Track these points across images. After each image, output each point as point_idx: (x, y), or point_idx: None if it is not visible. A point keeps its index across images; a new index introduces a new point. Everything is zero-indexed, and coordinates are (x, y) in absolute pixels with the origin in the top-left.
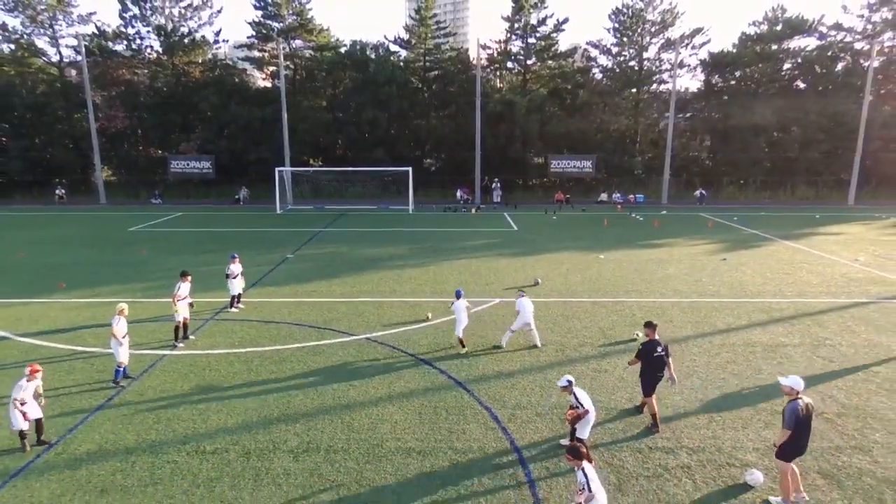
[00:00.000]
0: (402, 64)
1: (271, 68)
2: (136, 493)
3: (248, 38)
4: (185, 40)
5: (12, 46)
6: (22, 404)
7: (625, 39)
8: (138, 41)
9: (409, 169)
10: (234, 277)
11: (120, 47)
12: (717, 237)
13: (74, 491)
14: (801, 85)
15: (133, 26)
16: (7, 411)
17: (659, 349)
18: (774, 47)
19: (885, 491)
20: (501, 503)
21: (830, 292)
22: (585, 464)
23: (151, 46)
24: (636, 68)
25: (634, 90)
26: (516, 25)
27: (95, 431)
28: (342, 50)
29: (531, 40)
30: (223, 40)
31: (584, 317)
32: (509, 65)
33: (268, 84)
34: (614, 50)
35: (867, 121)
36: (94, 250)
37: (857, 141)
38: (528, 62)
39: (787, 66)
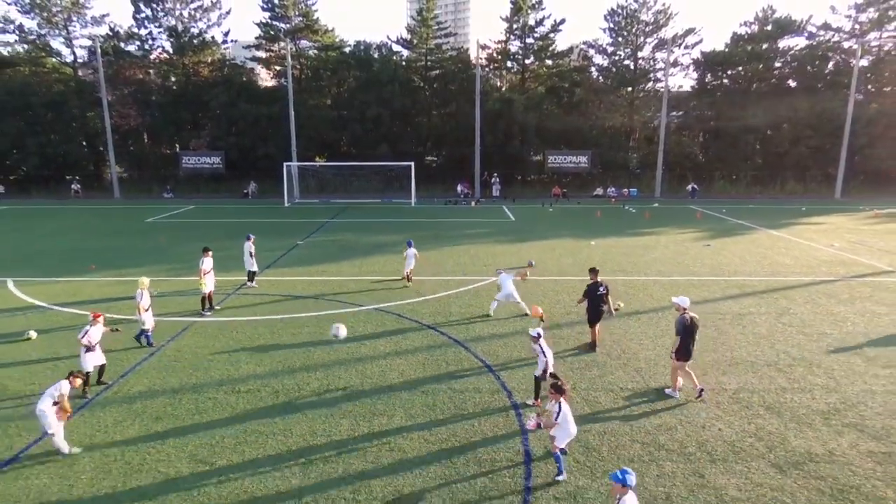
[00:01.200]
0: (404, 63)
1: (278, 67)
2: (186, 420)
3: (255, 38)
4: (195, 41)
5: (28, 46)
6: (88, 350)
7: (620, 39)
8: (150, 42)
9: (412, 164)
10: (252, 256)
11: (132, 48)
12: (704, 227)
13: (133, 418)
14: (791, 83)
15: (145, 27)
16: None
17: (601, 289)
18: (765, 46)
19: (815, 418)
20: (492, 425)
21: (802, 272)
22: (562, 399)
23: (163, 47)
24: (631, 67)
25: (629, 88)
26: (515, 26)
27: (144, 377)
28: (346, 50)
29: (529, 40)
30: (231, 41)
31: (572, 292)
32: (508, 64)
33: (274, 83)
34: (610, 49)
35: (855, 118)
36: (116, 238)
37: (843, 137)
38: (527, 61)
39: (777, 64)
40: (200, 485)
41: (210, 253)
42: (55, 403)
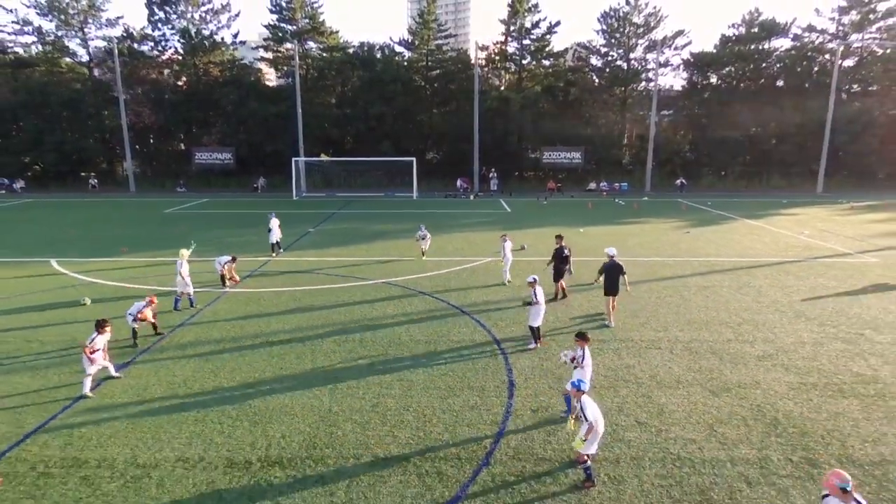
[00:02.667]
0: (406, 64)
1: (285, 67)
2: (230, 361)
3: (264, 39)
4: (206, 42)
5: (47, 47)
6: (135, 320)
7: (613, 41)
8: (163, 43)
9: (413, 160)
10: (279, 228)
11: (145, 48)
12: (688, 217)
13: (188, 359)
14: (777, 83)
15: (159, 29)
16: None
17: (565, 251)
18: (752, 48)
19: (750, 360)
20: (483, 363)
21: (769, 254)
22: (586, 346)
23: (175, 48)
24: (623, 68)
25: (622, 88)
26: (512, 28)
27: (189, 333)
28: (350, 51)
29: (526, 42)
30: (240, 42)
31: None
32: (506, 64)
33: (281, 82)
34: (603, 51)
35: (837, 116)
36: (140, 226)
37: (825, 134)
38: (524, 62)
39: (763, 65)
40: (249, 400)
41: (235, 260)
42: (93, 351)
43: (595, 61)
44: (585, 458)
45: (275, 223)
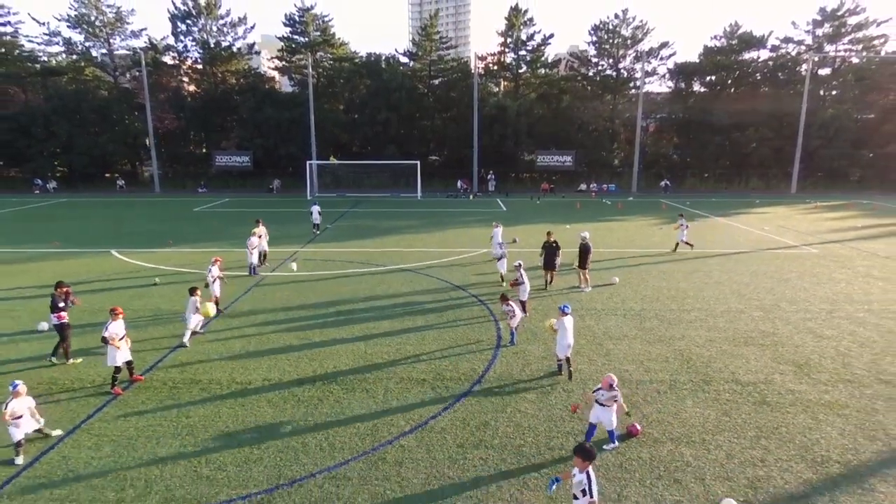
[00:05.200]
0: (409, 73)
1: (297, 76)
2: (284, 323)
3: (278, 50)
4: (224, 53)
5: (75, 57)
6: (215, 281)
7: (603, 51)
8: (185, 53)
9: (417, 163)
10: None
11: (167, 58)
12: (665, 215)
13: (249, 325)
14: (757, 90)
15: (181, 41)
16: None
17: (554, 245)
18: (733, 58)
19: (683, 323)
20: (477, 326)
21: (726, 246)
22: (513, 303)
23: (195, 58)
24: (613, 76)
25: (612, 95)
26: (509, 40)
27: (244, 304)
28: (358, 61)
29: (522, 52)
30: (255, 52)
31: None
32: (504, 73)
33: (294, 89)
34: (594, 60)
35: (810, 122)
36: (176, 223)
37: (798, 139)
38: (520, 71)
39: (743, 74)
40: (305, 347)
41: (260, 223)
42: (197, 310)
43: (586, 71)
44: (559, 358)
45: (315, 209)
